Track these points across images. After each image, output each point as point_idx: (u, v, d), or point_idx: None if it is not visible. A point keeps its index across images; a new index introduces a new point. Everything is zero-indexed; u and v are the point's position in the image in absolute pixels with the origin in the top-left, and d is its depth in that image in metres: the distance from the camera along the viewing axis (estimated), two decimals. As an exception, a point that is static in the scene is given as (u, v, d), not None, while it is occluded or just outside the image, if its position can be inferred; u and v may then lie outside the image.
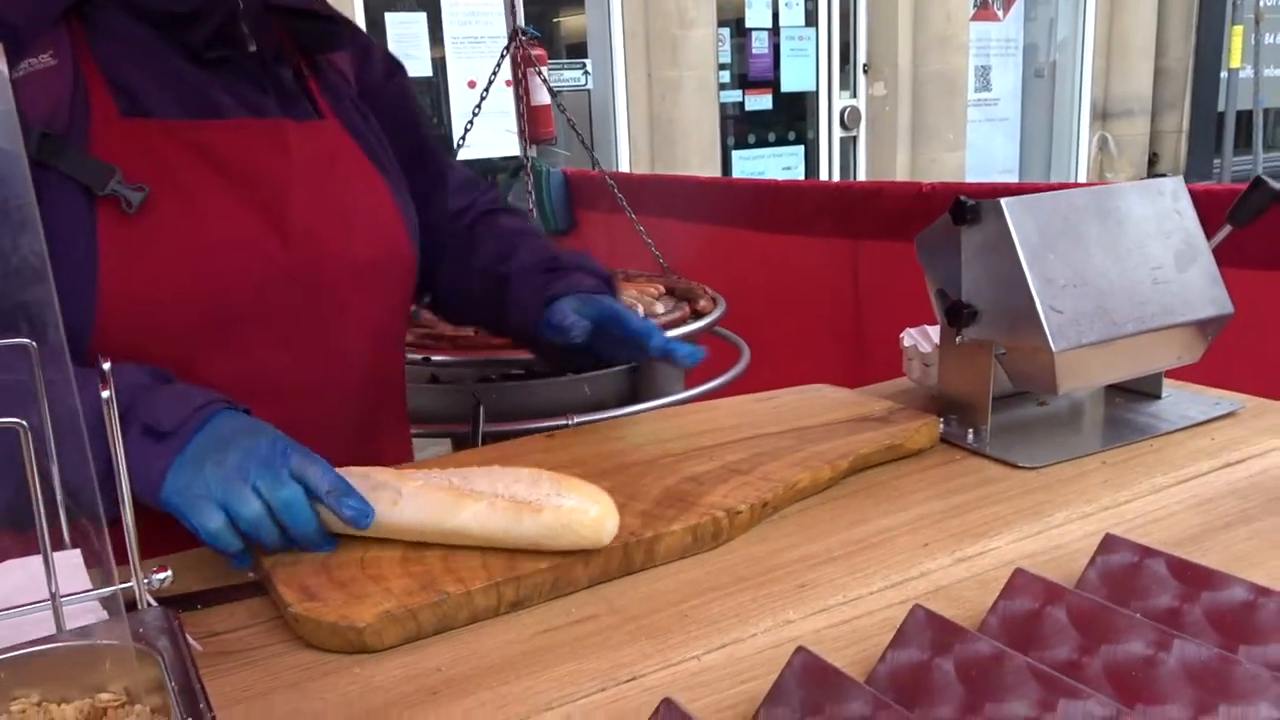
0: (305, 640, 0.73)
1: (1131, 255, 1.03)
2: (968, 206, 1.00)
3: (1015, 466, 0.99)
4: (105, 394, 0.59)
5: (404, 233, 1.14)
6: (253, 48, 1.01)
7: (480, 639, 0.73)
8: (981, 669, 0.59)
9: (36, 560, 0.56)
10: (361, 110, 1.16)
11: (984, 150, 7.17)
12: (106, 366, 0.63)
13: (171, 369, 0.94)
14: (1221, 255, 1.09)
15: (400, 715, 0.64)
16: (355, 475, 0.84)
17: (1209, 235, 1.09)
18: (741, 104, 5.99)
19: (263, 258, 0.98)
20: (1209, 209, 1.12)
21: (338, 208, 1.05)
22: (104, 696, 0.51)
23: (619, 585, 0.80)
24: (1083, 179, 7.37)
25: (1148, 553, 0.71)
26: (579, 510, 0.78)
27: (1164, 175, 1.11)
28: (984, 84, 7.09)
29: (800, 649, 0.60)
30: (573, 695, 0.65)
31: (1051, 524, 0.86)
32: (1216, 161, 7.46)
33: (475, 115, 2.57)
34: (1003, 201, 0.98)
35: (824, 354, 2.50)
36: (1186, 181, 1.12)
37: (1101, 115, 7.57)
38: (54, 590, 0.57)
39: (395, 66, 1.25)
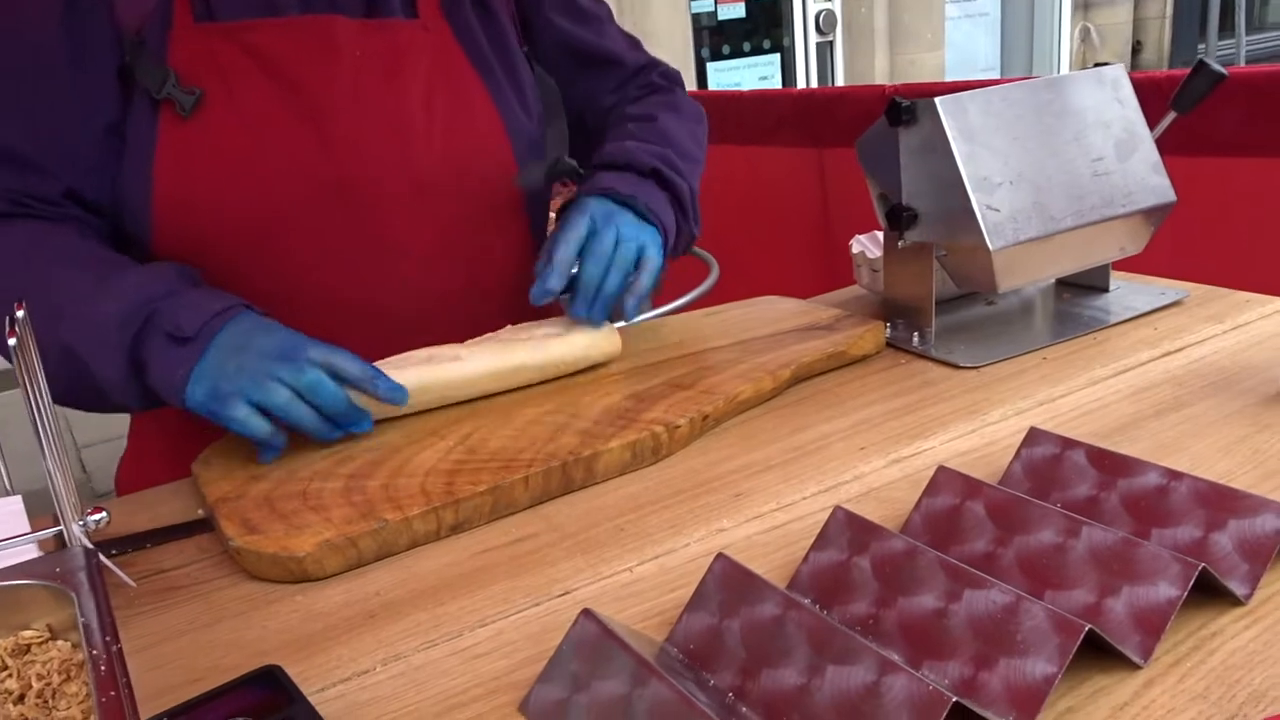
0: (249, 573, 0.75)
1: (1070, 148, 1.02)
2: (903, 107, 0.99)
3: (957, 367, 0.99)
4: (12, 341, 0.59)
5: (505, 143, 1.06)
6: None
7: (420, 562, 0.75)
8: (895, 565, 0.60)
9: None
10: (492, 17, 1.09)
11: (965, 49, 7.03)
12: (21, 315, 0.63)
13: (221, 278, 0.95)
14: (1168, 143, 1.08)
15: (337, 638, 0.66)
16: (397, 359, 0.93)
17: (1153, 124, 1.08)
18: (714, 13, 5.86)
19: (303, 166, 0.96)
20: (1159, 97, 1.11)
21: (397, 117, 1.00)
22: (26, 634, 0.53)
23: (558, 504, 0.81)
24: (1066, 72, 7.25)
25: (1068, 444, 0.72)
26: (605, 329, 1.01)
27: (1107, 63, 1.09)
28: (963, -20, 6.93)
29: (720, 555, 0.62)
30: (505, 612, 0.67)
31: (986, 422, 0.87)
32: (1201, 47, 7.33)
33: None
34: (937, 100, 0.97)
35: (793, 266, 2.49)
36: (1172, 69, 1.10)
37: (1084, 5, 7.41)
38: (-23, 537, 0.57)
39: None
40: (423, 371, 0.91)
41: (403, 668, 0.62)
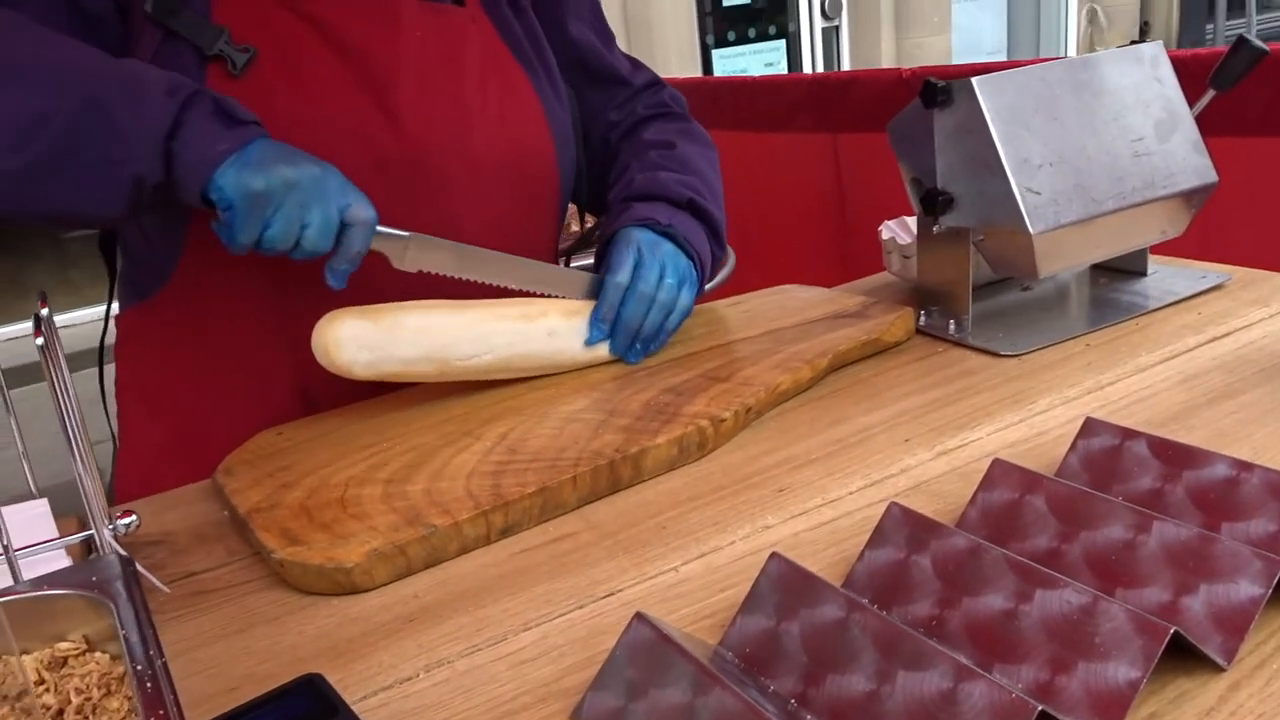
0: (293, 585, 0.72)
1: (1110, 128, 0.99)
2: (938, 88, 0.96)
3: (997, 355, 0.97)
4: (39, 342, 0.57)
5: (546, 134, 1.08)
6: None
7: (458, 564, 0.72)
8: (958, 563, 0.58)
9: (11, 510, 0.55)
10: (521, 11, 1.10)
11: (971, 31, 6.98)
12: (45, 312, 0.61)
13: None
14: (1206, 122, 1.06)
15: (377, 644, 0.64)
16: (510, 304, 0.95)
17: (1192, 102, 1.05)
18: (718, 0, 5.81)
19: (366, 137, 0.96)
20: (1200, 75, 1.08)
21: (456, 95, 1.01)
22: (63, 646, 0.51)
23: (596, 502, 0.79)
24: (1073, 54, 7.20)
25: (1128, 434, 0.69)
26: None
27: (1129, 45, 1.06)
28: (968, -38, 6.88)
29: (774, 554, 0.59)
30: (550, 614, 0.65)
31: (1033, 411, 0.85)
32: (1210, 27, 7.27)
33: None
34: (974, 81, 0.94)
35: (810, 253, 2.47)
36: (1179, 49, 1.07)
37: (1090, -14, 7.35)
38: (6, 543, 0.55)
39: None
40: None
41: (447, 674, 0.60)
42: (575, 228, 1.34)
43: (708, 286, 2.05)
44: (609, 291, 0.98)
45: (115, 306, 1.11)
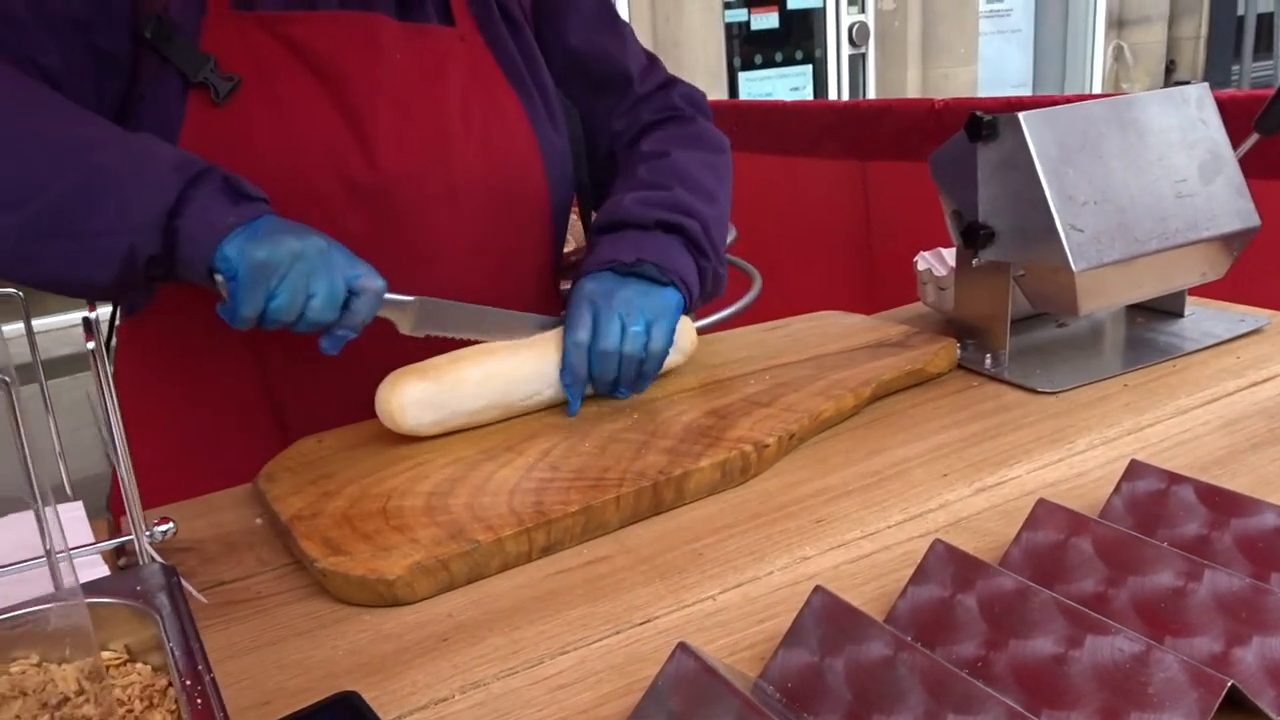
0: (334, 595, 0.71)
1: (1154, 168, 0.99)
2: (984, 122, 0.96)
3: (1034, 391, 0.96)
4: (90, 345, 0.57)
5: (536, 156, 1.05)
6: None
7: (492, 583, 0.72)
8: (1005, 604, 0.57)
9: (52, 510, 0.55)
10: (518, 29, 1.07)
11: (997, 64, 6.99)
12: (91, 315, 0.61)
13: None
14: (1247, 166, 1.05)
15: (410, 662, 0.63)
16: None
17: (1235, 145, 1.05)
18: (747, 23, 5.84)
19: (341, 164, 0.94)
20: (1235, 117, 1.08)
21: (436, 121, 0.98)
22: (104, 655, 0.50)
23: (632, 525, 0.78)
24: (1098, 90, 7.20)
25: (1174, 479, 0.68)
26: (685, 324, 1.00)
27: (1185, 83, 1.06)
28: (996, -6, 6.90)
29: (818, 588, 0.59)
30: (586, 639, 0.64)
31: (1073, 450, 0.84)
32: (1236, 68, 7.26)
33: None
34: (1021, 116, 0.94)
35: (835, 279, 2.46)
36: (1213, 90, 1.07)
37: (1117, 23, 7.36)
38: (49, 548, 0.55)
39: None
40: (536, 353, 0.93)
41: (483, 696, 0.60)
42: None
43: (732, 309, 2.05)
44: (570, 353, 0.94)
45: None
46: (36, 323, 0.79)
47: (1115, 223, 0.96)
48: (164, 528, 0.65)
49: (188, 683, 0.42)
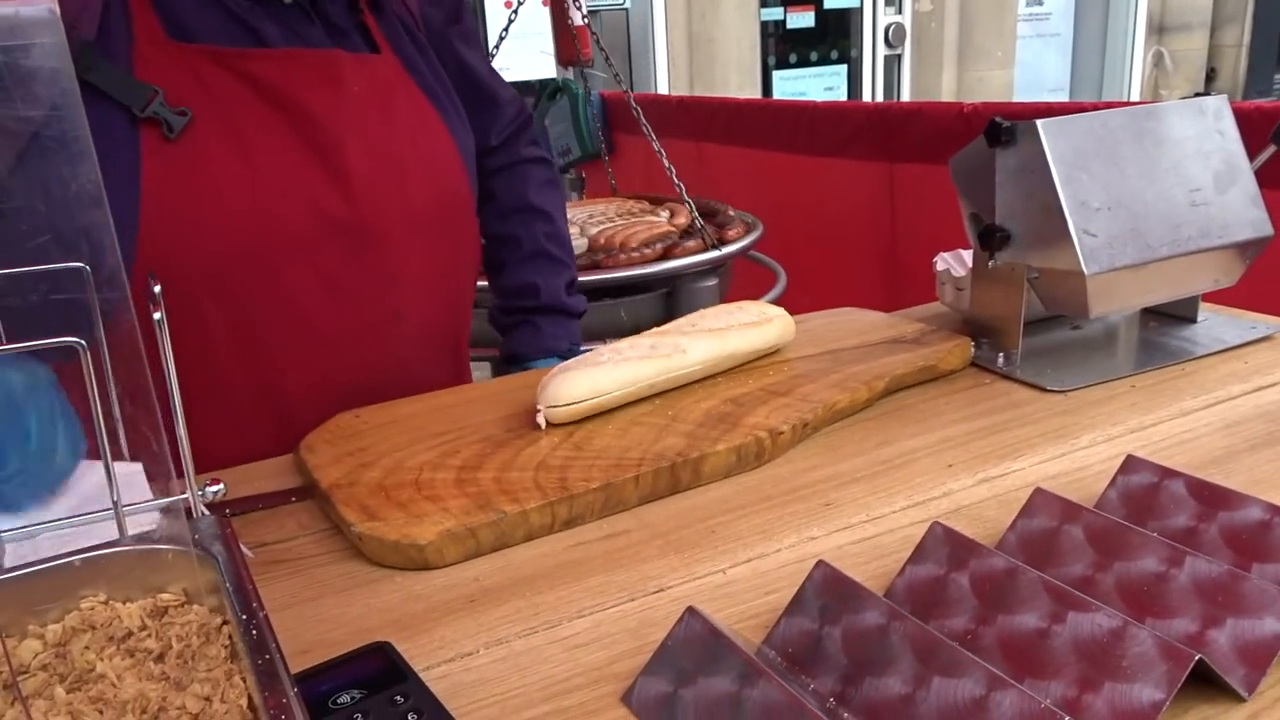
0: (368, 558, 0.76)
1: (1169, 176, 1.02)
2: (1003, 128, 0.99)
3: (1044, 390, 1.00)
4: (157, 315, 0.62)
5: (464, 177, 1.10)
6: None
7: (517, 551, 0.76)
8: (995, 583, 0.61)
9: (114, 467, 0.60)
10: (422, 48, 1.11)
11: (1034, 68, 6.96)
12: (157, 289, 0.66)
13: (210, 304, 0.93)
14: (1265, 177, 1.08)
15: (439, 620, 0.68)
16: (624, 343, 0.98)
17: (1253, 155, 1.07)
18: (782, 21, 5.86)
19: (313, 201, 0.95)
20: (1264, 128, 1.10)
21: (394, 152, 1.01)
22: (164, 596, 0.55)
23: (651, 502, 0.83)
24: (1136, 96, 7.15)
25: (1167, 473, 0.72)
26: (782, 317, 1.06)
27: (1206, 94, 1.09)
28: (1035, -3, 6.86)
29: (820, 562, 0.63)
30: (602, 604, 0.69)
31: (1076, 446, 0.87)
32: (1278, 77, 7.19)
33: (503, 37, 2.57)
34: (1038, 123, 0.97)
35: (859, 278, 2.49)
36: (1245, 99, 1.09)
37: (1158, 30, 7.30)
38: (115, 499, 0.60)
39: (460, 9, 1.21)
40: (653, 362, 0.96)
41: (505, 652, 0.64)
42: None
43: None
44: None
45: None
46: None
47: (1128, 228, 0.99)
48: (215, 488, 0.70)
49: (244, 617, 0.46)
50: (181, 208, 0.90)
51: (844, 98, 6.06)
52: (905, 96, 6.27)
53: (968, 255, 1.17)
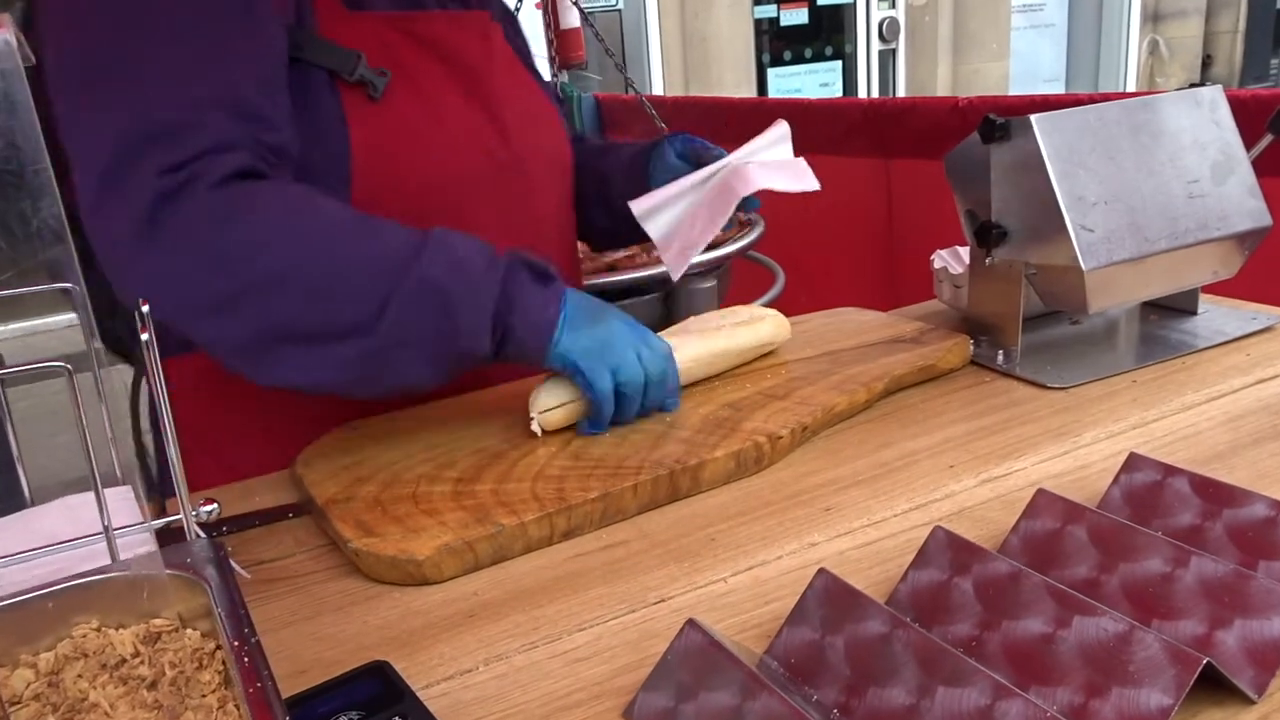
0: (365, 574, 0.75)
1: (1166, 169, 1.01)
2: (997, 124, 0.99)
3: (1044, 387, 0.99)
4: (145, 337, 0.61)
5: (564, 134, 1.18)
6: None
7: (516, 564, 0.76)
8: (999, 588, 0.60)
9: (77, 500, 0.59)
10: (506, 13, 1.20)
11: (1029, 59, 6.95)
12: (146, 309, 0.65)
13: None
14: (1262, 166, 1.07)
15: (438, 636, 0.67)
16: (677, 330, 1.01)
17: (1250, 145, 1.07)
18: (776, 19, 5.85)
19: (484, 148, 1.02)
20: (1260, 115, 1.09)
21: (529, 102, 1.10)
22: (157, 622, 0.54)
23: (650, 511, 0.82)
24: (1132, 85, 7.14)
25: (1170, 471, 0.71)
26: (774, 317, 1.06)
27: (1202, 85, 1.08)
28: (1029, -12, 6.85)
29: (821, 570, 0.62)
30: (603, 617, 0.68)
31: (1078, 444, 0.87)
32: (1275, 62, 7.17)
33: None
34: (1032, 118, 0.96)
35: (856, 276, 2.48)
36: (1242, 85, 1.08)
37: (1153, 17, 7.29)
38: (106, 523, 0.60)
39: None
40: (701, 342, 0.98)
41: (505, 668, 0.63)
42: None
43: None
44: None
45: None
46: (62, 318, 0.82)
47: (1125, 222, 0.98)
48: (209, 508, 0.69)
49: (235, 644, 0.46)
50: (386, 163, 0.96)
51: (839, 94, 6.06)
52: (901, 91, 6.26)
53: (965, 252, 1.17)
